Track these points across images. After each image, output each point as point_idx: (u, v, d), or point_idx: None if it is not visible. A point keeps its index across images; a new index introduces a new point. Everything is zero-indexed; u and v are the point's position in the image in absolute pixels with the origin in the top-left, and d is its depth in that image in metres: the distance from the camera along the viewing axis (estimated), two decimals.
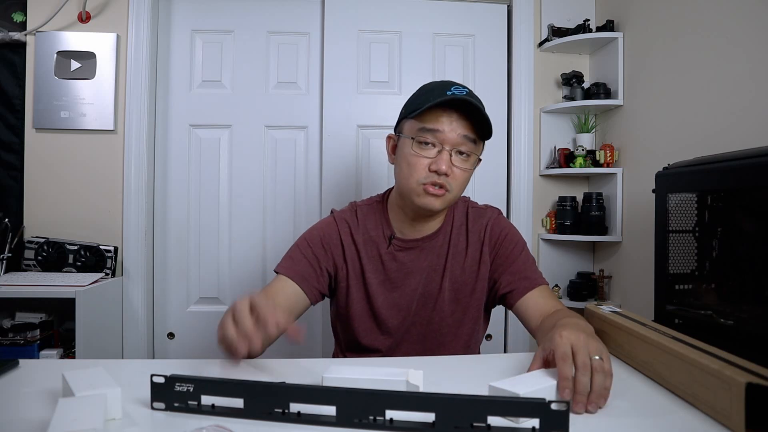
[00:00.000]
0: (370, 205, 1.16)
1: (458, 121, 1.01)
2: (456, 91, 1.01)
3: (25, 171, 1.93)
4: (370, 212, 1.15)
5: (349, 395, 0.61)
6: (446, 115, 1.01)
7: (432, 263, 1.11)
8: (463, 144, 1.01)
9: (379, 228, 1.12)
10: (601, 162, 1.97)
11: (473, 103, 0.99)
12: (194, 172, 2.06)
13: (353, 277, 1.11)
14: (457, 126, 1.00)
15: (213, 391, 0.65)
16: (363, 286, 1.11)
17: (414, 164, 1.02)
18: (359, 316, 1.11)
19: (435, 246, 1.11)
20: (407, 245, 1.11)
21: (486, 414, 0.58)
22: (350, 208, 1.17)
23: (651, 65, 1.78)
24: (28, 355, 1.66)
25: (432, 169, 1.00)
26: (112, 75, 1.93)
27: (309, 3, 2.08)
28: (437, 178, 1.00)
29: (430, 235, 1.11)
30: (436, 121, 1.00)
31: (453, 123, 1.00)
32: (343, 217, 1.14)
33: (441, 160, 1.00)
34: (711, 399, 0.65)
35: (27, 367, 0.85)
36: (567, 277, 2.10)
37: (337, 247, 1.11)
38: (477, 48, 2.13)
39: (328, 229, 1.12)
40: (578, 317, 0.93)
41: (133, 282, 1.95)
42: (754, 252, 0.96)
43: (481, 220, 1.13)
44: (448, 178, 1.01)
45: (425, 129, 1.01)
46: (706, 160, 1.08)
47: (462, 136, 1.01)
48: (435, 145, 1.01)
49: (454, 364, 0.91)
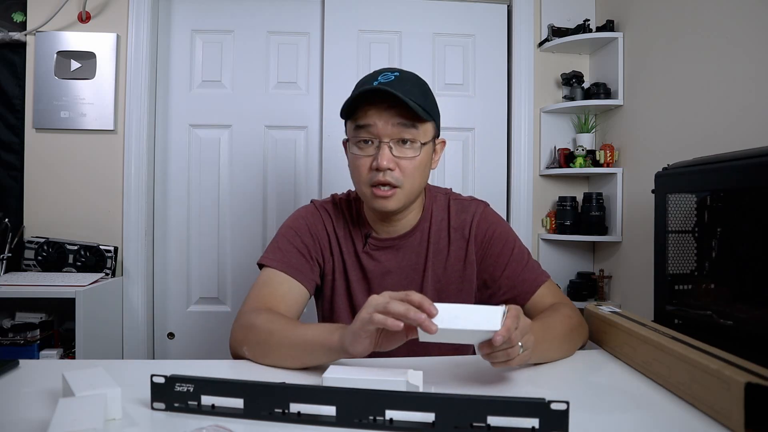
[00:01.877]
0: (348, 201, 1.11)
1: (388, 111, 0.93)
2: (383, 79, 0.95)
3: (25, 171, 1.93)
4: (348, 207, 1.10)
5: (349, 395, 0.61)
6: (374, 107, 0.94)
7: (411, 262, 1.05)
8: (401, 133, 0.94)
9: (357, 224, 1.07)
10: (601, 162, 1.97)
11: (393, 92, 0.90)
12: (194, 172, 2.06)
13: (338, 271, 1.06)
14: (388, 116, 0.93)
15: (213, 391, 0.65)
16: (345, 282, 1.06)
17: (358, 166, 0.97)
18: (342, 315, 1.06)
19: (413, 244, 1.05)
20: (383, 244, 1.05)
21: (486, 414, 0.58)
22: (331, 200, 1.12)
23: (651, 65, 1.78)
24: (28, 355, 1.66)
25: (374, 167, 0.95)
26: (112, 75, 1.93)
27: (309, 3, 2.08)
28: (381, 176, 0.94)
29: (405, 234, 1.05)
30: (365, 116, 0.95)
31: (383, 114, 0.93)
32: (324, 207, 1.09)
33: (380, 155, 0.93)
34: (711, 399, 0.65)
35: (27, 367, 0.84)
36: (567, 277, 2.10)
37: (324, 238, 1.06)
38: (477, 48, 2.13)
39: (313, 218, 1.07)
40: (556, 316, 0.93)
41: (133, 282, 1.95)
42: (753, 252, 0.96)
43: (464, 216, 1.06)
44: (394, 172, 0.94)
45: (358, 126, 0.96)
46: (706, 160, 1.08)
47: (397, 125, 0.94)
48: (372, 141, 0.96)
49: (454, 364, 0.91)
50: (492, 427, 0.58)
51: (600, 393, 0.77)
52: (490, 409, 0.58)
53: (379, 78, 0.96)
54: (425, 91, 0.99)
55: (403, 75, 0.97)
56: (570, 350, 0.93)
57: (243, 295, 2.24)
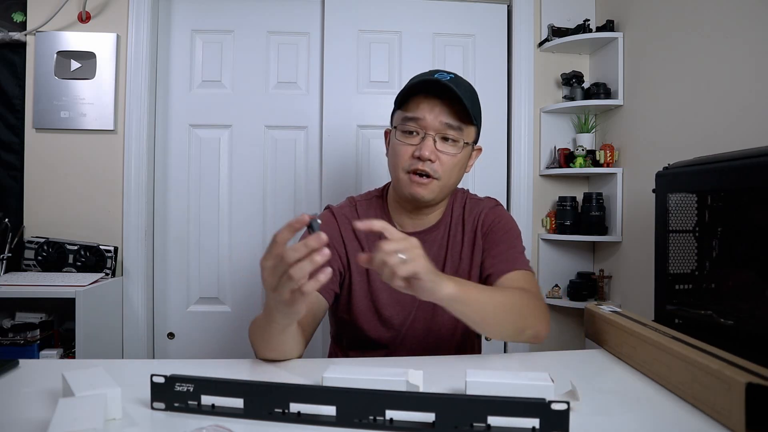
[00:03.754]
0: (369, 199, 1.16)
1: (440, 107, 1.00)
2: (439, 76, 1.00)
3: (25, 171, 1.93)
4: (370, 207, 1.14)
5: (349, 395, 0.61)
6: (427, 102, 1.00)
7: (433, 256, 1.09)
8: (446, 131, 1.01)
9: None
10: (601, 162, 1.97)
11: (452, 88, 0.97)
12: (194, 172, 2.06)
13: (356, 273, 1.09)
14: (439, 112, 1.00)
15: (213, 391, 0.65)
16: (367, 283, 1.09)
17: (398, 152, 1.02)
18: (363, 313, 1.09)
19: (436, 238, 1.11)
20: None
21: (486, 414, 0.58)
22: (348, 203, 1.15)
23: (651, 65, 1.78)
24: (28, 355, 1.66)
25: (415, 156, 1.00)
26: (112, 75, 1.93)
27: (309, 3, 2.08)
28: (421, 165, 0.99)
29: (430, 228, 1.10)
30: (417, 109, 1.01)
31: (434, 110, 1.00)
32: (341, 212, 1.13)
33: (424, 146, 0.99)
34: (711, 399, 0.65)
35: (27, 367, 0.84)
36: (567, 277, 2.10)
37: (339, 245, 1.09)
38: (477, 48, 2.13)
39: (329, 226, 1.10)
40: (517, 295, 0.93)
41: (133, 282, 1.95)
42: (754, 252, 0.96)
43: (476, 210, 1.13)
44: (433, 164, 1.00)
45: (407, 117, 1.01)
46: (706, 160, 1.08)
47: (444, 124, 1.00)
48: (418, 133, 1.01)
49: (454, 364, 0.91)
50: (492, 427, 0.58)
51: (600, 393, 0.76)
52: (490, 409, 0.58)
53: (435, 76, 1.01)
54: (475, 98, 1.05)
55: (458, 78, 1.04)
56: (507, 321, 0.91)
57: (243, 295, 2.23)
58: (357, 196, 1.18)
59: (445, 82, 0.97)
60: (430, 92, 1.00)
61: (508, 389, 0.65)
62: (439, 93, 0.99)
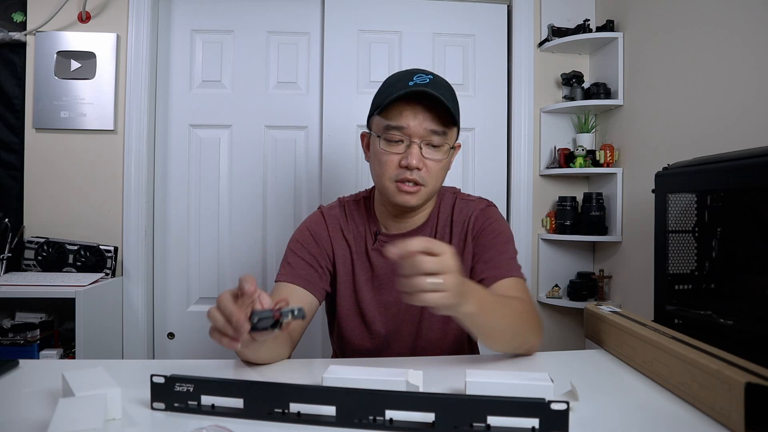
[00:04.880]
0: (357, 201, 1.14)
1: (423, 114, 0.97)
2: (419, 80, 0.97)
3: (25, 171, 1.93)
4: (356, 208, 1.13)
5: (348, 395, 0.61)
6: (410, 108, 0.97)
7: None
8: (431, 137, 0.98)
9: (366, 224, 1.10)
10: (601, 162, 1.97)
11: (434, 95, 0.94)
12: (194, 172, 2.06)
13: (342, 274, 1.08)
14: (423, 119, 0.97)
15: (213, 391, 0.65)
16: (352, 284, 1.08)
17: (385, 162, 1.00)
18: (347, 316, 1.08)
19: None
20: (392, 241, 1.06)
21: (486, 414, 0.58)
22: (338, 204, 1.15)
23: (651, 65, 1.78)
24: (28, 355, 1.66)
25: (402, 165, 0.98)
26: (112, 75, 1.93)
27: (309, 3, 2.08)
28: (409, 174, 0.98)
29: (415, 230, 1.08)
30: (400, 117, 0.97)
31: (418, 116, 0.97)
32: (331, 212, 1.12)
33: (411, 154, 0.97)
34: (711, 399, 0.65)
35: (27, 367, 0.85)
36: (567, 277, 2.10)
37: (327, 244, 1.08)
38: (477, 48, 2.13)
39: (317, 226, 1.10)
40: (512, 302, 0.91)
41: (133, 282, 1.95)
42: (753, 252, 0.96)
43: (466, 211, 1.10)
44: (421, 172, 0.98)
45: (391, 126, 0.98)
46: (705, 160, 1.08)
47: (428, 131, 0.98)
48: (403, 141, 0.98)
49: (454, 364, 0.91)
50: (492, 427, 0.58)
51: (600, 393, 0.76)
52: (489, 409, 0.58)
53: (414, 79, 0.98)
54: (454, 96, 1.03)
55: (437, 78, 1.01)
56: (510, 339, 0.90)
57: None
58: (346, 197, 1.17)
59: (429, 92, 0.94)
60: (412, 98, 0.97)
61: (507, 389, 0.66)
62: (422, 97, 0.96)
